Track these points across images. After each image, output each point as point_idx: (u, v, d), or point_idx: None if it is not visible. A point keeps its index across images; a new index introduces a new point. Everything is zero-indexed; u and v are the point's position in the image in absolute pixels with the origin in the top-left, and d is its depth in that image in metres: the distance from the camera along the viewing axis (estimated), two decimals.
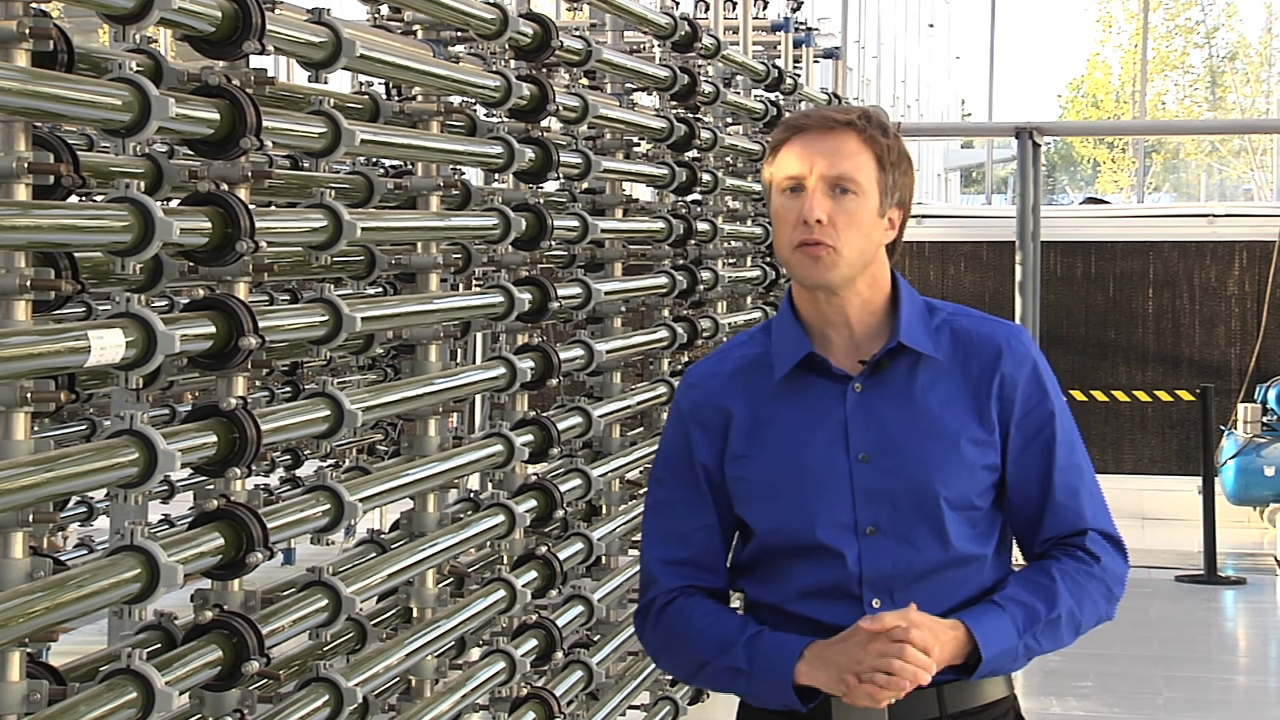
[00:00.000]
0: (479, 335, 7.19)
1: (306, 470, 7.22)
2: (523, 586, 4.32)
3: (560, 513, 4.63)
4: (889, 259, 2.78)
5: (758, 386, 2.78)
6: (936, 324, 2.77)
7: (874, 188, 2.68)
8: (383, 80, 4.63)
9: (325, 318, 3.43)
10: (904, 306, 2.75)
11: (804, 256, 2.66)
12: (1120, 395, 12.22)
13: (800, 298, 2.76)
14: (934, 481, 2.70)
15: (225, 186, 3.07)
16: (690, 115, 6.07)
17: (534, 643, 4.48)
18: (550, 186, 5.38)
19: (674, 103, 6.07)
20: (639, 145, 6.02)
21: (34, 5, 2.63)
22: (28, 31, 2.58)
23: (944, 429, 2.72)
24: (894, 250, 2.78)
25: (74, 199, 3.14)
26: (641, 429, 6.10)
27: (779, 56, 9.11)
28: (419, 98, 4.21)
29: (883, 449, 2.71)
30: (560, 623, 4.61)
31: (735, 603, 2.85)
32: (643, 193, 7.45)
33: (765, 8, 9.68)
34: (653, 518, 2.87)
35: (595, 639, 5.18)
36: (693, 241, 6.13)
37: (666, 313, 6.04)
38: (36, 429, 3.28)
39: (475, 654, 4.46)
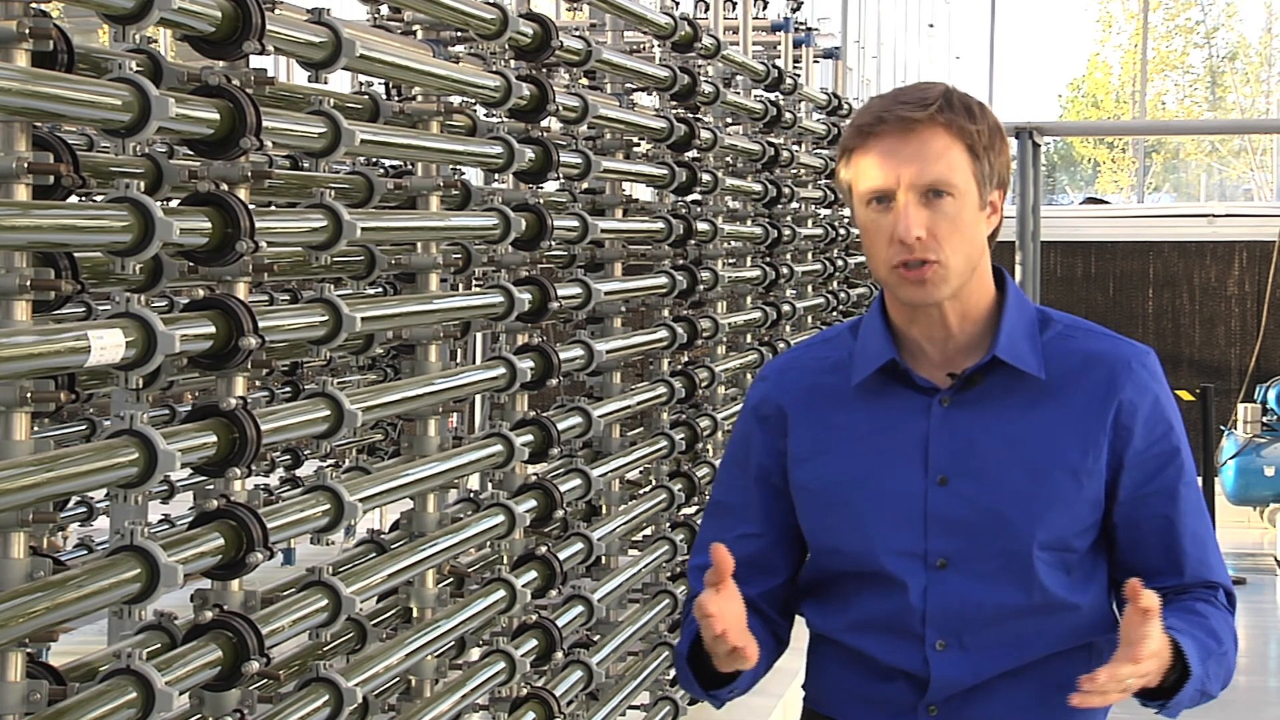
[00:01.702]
0: (479, 335, 7.19)
1: (306, 470, 7.22)
2: (523, 586, 4.32)
3: (560, 513, 4.63)
4: (989, 248, 2.47)
5: (832, 389, 2.51)
6: (1047, 338, 2.45)
7: (970, 183, 2.37)
8: (383, 80, 4.63)
9: (325, 318, 3.43)
10: (1008, 316, 2.44)
11: (907, 279, 2.36)
12: None
13: (892, 303, 2.47)
14: (1023, 516, 2.39)
15: (225, 186, 3.07)
16: (690, 115, 6.07)
17: (534, 643, 4.48)
18: (550, 186, 5.37)
19: (674, 103, 6.07)
20: (639, 145, 6.02)
21: (34, 5, 2.63)
22: (28, 31, 2.57)
23: (1040, 456, 2.41)
24: (993, 237, 2.47)
25: (74, 199, 3.14)
26: (641, 429, 6.10)
27: (779, 56, 9.11)
28: (419, 98, 4.21)
29: (965, 473, 2.41)
30: (560, 623, 4.61)
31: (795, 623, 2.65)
32: (643, 193, 7.45)
33: (765, 8, 9.68)
34: (705, 518, 2.67)
35: (595, 639, 5.18)
36: (693, 241, 6.12)
37: (666, 313, 6.03)
38: (36, 429, 3.27)
39: (475, 654, 4.46)
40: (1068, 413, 2.42)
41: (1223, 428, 11.82)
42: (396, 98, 4.51)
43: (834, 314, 8.90)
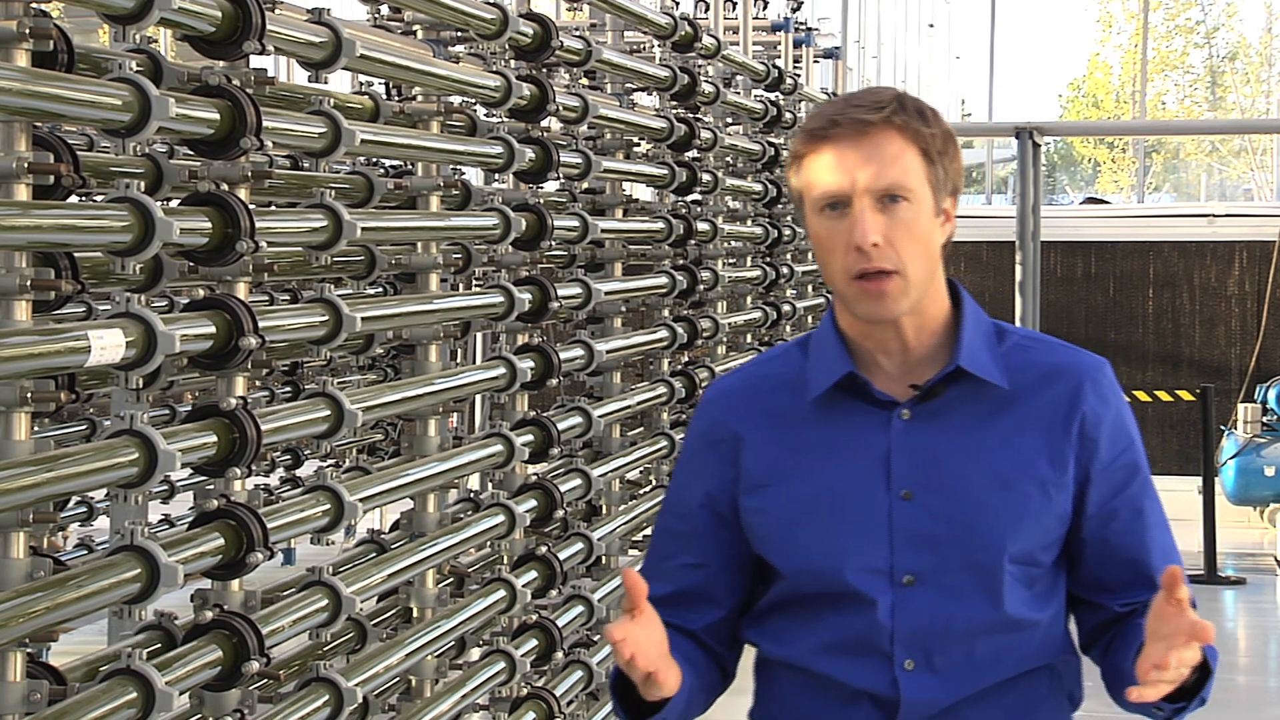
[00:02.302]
0: (479, 335, 7.19)
1: (306, 470, 7.22)
2: (523, 586, 4.32)
3: (560, 513, 4.63)
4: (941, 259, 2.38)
5: (785, 408, 2.42)
6: (1006, 349, 2.39)
7: (925, 188, 2.29)
8: (383, 80, 4.63)
9: (325, 318, 3.43)
10: (967, 326, 2.37)
11: (867, 291, 2.28)
12: None
13: (845, 317, 2.39)
14: (992, 529, 2.32)
15: (225, 186, 3.07)
16: (690, 115, 6.07)
17: (534, 643, 4.48)
18: (550, 186, 5.38)
19: (674, 103, 6.07)
20: (639, 145, 6.03)
21: (34, 5, 2.63)
22: (28, 31, 2.58)
23: (1006, 468, 2.34)
24: (946, 246, 2.37)
25: (74, 199, 3.14)
26: (641, 429, 6.10)
27: (779, 56, 9.11)
28: (419, 98, 4.21)
29: (930, 486, 2.34)
30: (560, 623, 4.61)
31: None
32: (643, 193, 7.45)
33: (765, 8, 9.69)
34: (650, 544, 2.55)
35: (595, 639, 5.18)
36: (693, 241, 6.13)
37: (666, 313, 6.04)
38: (36, 429, 3.28)
39: (475, 654, 4.46)
40: (1032, 425, 2.36)
41: (1223, 428, 11.81)
42: (396, 98, 4.52)
43: None
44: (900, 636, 2.33)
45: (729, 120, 7.19)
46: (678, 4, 6.88)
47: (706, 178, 6.28)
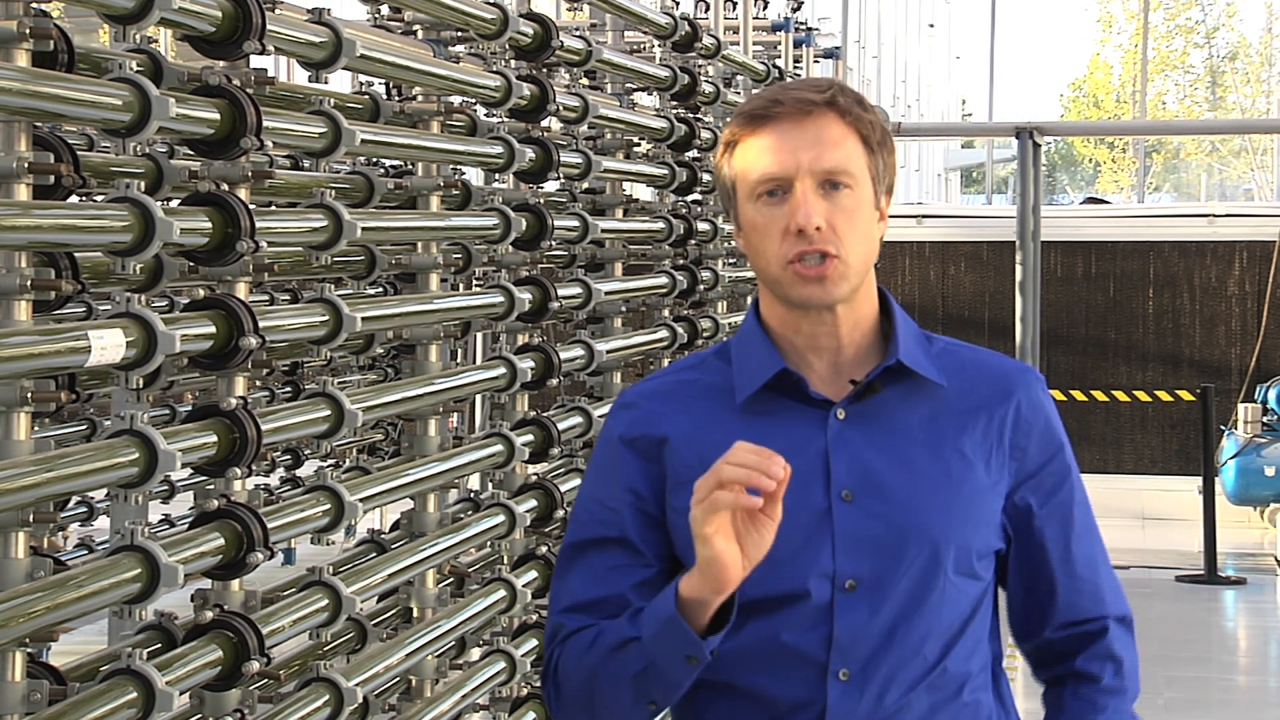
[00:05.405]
0: (479, 335, 7.19)
1: (306, 470, 7.22)
2: (523, 586, 4.32)
3: (560, 513, 4.63)
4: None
5: (711, 413, 2.29)
6: (936, 351, 2.33)
7: (866, 177, 2.23)
8: (383, 80, 4.63)
9: (325, 318, 3.43)
10: (899, 324, 2.30)
11: (804, 276, 2.20)
12: (1120, 395, 12.24)
13: (774, 314, 2.29)
14: (932, 531, 2.24)
15: (225, 186, 3.07)
16: (690, 115, 6.07)
17: (534, 643, 4.48)
18: (550, 186, 5.38)
19: (674, 103, 6.07)
20: (639, 145, 6.03)
21: (34, 5, 2.63)
22: (28, 31, 2.58)
23: (947, 471, 2.26)
24: (879, 245, 2.31)
25: (74, 199, 3.14)
26: None
27: (779, 56, 9.11)
28: (419, 98, 4.21)
29: (870, 488, 2.23)
30: None
31: None
32: (643, 193, 7.45)
33: (765, 8, 9.69)
34: (569, 567, 2.33)
35: None
36: (693, 241, 6.13)
37: (666, 313, 6.04)
38: (36, 429, 3.28)
39: (475, 654, 4.46)
40: (969, 429, 2.29)
41: (1223, 428, 11.82)
42: (396, 98, 4.52)
43: None
44: (839, 644, 2.22)
45: (729, 120, 7.18)
46: (678, 4, 6.88)
47: (706, 178, 6.28)
